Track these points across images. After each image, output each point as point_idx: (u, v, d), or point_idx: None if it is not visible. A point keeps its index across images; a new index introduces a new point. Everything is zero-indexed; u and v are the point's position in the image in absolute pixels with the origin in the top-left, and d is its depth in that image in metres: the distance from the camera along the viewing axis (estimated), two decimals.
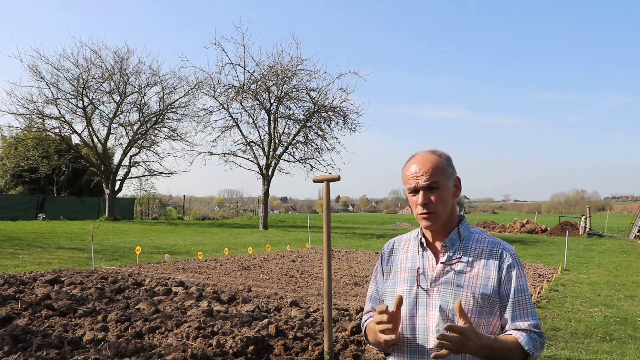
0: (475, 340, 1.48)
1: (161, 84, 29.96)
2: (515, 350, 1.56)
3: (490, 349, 1.52)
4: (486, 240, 1.72)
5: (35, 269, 8.69)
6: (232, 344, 4.09)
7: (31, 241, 14.48)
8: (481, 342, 1.49)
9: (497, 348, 1.54)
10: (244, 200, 59.68)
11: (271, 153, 26.22)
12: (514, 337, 1.58)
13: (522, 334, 1.59)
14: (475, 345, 1.48)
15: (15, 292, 6.08)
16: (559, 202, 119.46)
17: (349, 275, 9.19)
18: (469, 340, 1.47)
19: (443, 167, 1.68)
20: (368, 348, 4.36)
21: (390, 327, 1.55)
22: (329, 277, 3.67)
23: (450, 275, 1.67)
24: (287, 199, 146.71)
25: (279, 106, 26.03)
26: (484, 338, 1.52)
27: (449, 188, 1.69)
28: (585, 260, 13.20)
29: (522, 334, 1.59)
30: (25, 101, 26.78)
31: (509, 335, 1.60)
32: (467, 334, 1.46)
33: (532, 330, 1.61)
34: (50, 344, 3.99)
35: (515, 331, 1.61)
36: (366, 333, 1.85)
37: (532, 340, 1.59)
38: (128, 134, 30.77)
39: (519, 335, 1.59)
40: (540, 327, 1.64)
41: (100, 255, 11.25)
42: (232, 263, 10.37)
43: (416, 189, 1.68)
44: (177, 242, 15.99)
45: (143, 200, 37.95)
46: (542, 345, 1.62)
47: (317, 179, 3.86)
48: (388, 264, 1.84)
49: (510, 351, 1.56)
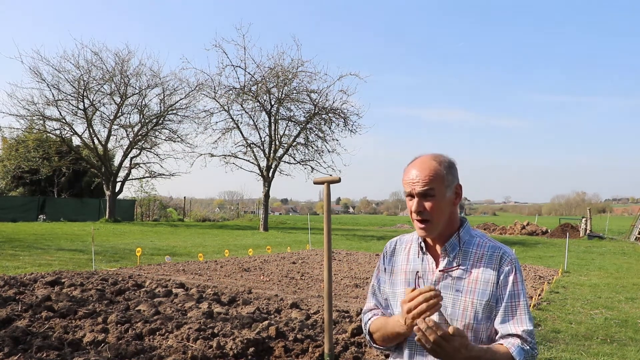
0: (463, 352, 1.46)
1: (162, 86, 30.05)
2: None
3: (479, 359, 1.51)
4: (487, 245, 1.71)
5: (35, 270, 8.70)
6: (233, 345, 4.09)
7: (31, 243, 14.48)
8: (469, 354, 1.47)
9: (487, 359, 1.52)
10: (245, 202, 59.74)
11: (272, 155, 26.23)
12: (505, 348, 1.56)
13: (513, 345, 1.57)
14: (462, 356, 1.46)
15: (16, 293, 6.08)
16: (560, 204, 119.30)
17: (350, 277, 9.18)
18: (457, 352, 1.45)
19: (441, 175, 1.65)
20: (368, 350, 4.36)
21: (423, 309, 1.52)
22: (329, 278, 3.67)
23: (450, 281, 1.67)
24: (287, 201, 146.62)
25: (280, 108, 26.06)
26: (474, 350, 1.50)
27: (446, 196, 1.66)
28: (585, 263, 13.18)
29: (514, 344, 1.57)
30: (26, 102, 26.86)
31: (500, 346, 1.58)
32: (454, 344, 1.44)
33: (523, 338, 1.58)
34: (50, 345, 3.99)
35: (508, 340, 1.59)
36: (371, 331, 1.81)
37: (524, 352, 1.57)
38: (129, 135, 30.80)
39: (511, 346, 1.56)
40: (534, 334, 1.62)
41: (101, 257, 11.25)
42: (232, 265, 10.37)
43: (412, 194, 1.67)
44: (177, 244, 15.99)
45: (143, 201, 37.97)
46: (533, 357, 1.60)
47: (317, 180, 3.86)
48: (390, 263, 1.85)
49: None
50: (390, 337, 1.70)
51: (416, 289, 1.56)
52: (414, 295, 1.53)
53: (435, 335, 1.42)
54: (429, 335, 1.42)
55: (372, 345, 1.83)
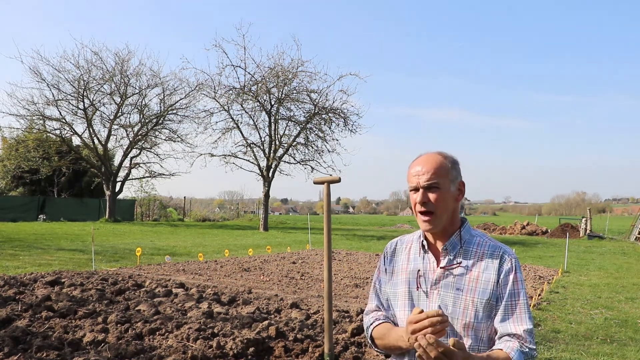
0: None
1: (162, 86, 30.04)
2: None
3: None
4: (487, 244, 1.71)
5: (35, 270, 8.69)
6: (233, 345, 4.09)
7: (31, 242, 14.48)
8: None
9: None
10: (245, 202, 59.78)
11: (272, 155, 26.23)
12: (505, 354, 1.56)
13: (513, 350, 1.56)
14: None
15: (16, 293, 6.08)
16: (560, 204, 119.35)
17: (350, 277, 9.18)
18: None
19: (446, 169, 1.67)
20: (368, 350, 4.36)
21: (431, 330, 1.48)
22: (329, 278, 3.67)
23: (450, 279, 1.67)
24: (287, 201, 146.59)
25: (280, 108, 26.05)
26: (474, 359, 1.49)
27: (450, 191, 1.68)
28: (585, 262, 13.18)
29: (513, 349, 1.56)
30: (26, 102, 26.85)
31: (499, 352, 1.57)
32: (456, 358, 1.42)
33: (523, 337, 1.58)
34: (50, 345, 3.99)
35: (507, 343, 1.59)
36: (373, 336, 1.80)
37: (524, 354, 1.57)
38: (129, 135, 30.80)
39: (510, 350, 1.56)
40: (534, 334, 1.62)
41: (101, 257, 11.25)
42: (232, 265, 10.37)
43: (417, 187, 1.68)
44: (177, 244, 15.99)
45: (143, 201, 37.97)
46: (532, 358, 1.61)
47: (317, 180, 3.86)
48: (391, 263, 1.85)
49: None
50: (393, 348, 1.72)
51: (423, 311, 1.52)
52: (420, 317, 1.50)
53: (436, 351, 1.41)
54: (430, 351, 1.41)
55: (374, 349, 1.83)
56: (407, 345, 1.59)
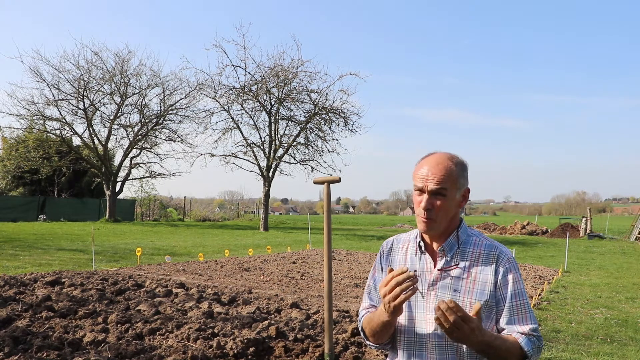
0: (477, 334, 1.47)
1: (162, 86, 30.06)
2: (514, 350, 1.56)
3: (488, 345, 1.52)
4: (483, 244, 1.71)
5: (35, 270, 8.70)
6: (233, 345, 4.09)
7: (32, 242, 14.48)
8: (482, 338, 1.49)
9: (496, 346, 1.53)
10: (245, 202, 59.85)
11: (272, 154, 26.23)
12: (513, 338, 1.58)
13: (521, 336, 1.59)
14: (476, 339, 1.48)
15: (16, 293, 6.08)
16: (560, 203, 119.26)
17: (350, 276, 9.18)
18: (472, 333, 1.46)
19: (455, 176, 1.65)
20: (368, 350, 4.36)
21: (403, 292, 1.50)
22: (329, 278, 3.67)
23: (448, 281, 1.67)
24: (287, 201, 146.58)
25: (280, 108, 26.07)
26: (486, 334, 1.51)
27: (455, 198, 1.67)
28: (586, 262, 13.18)
29: (522, 336, 1.59)
30: (26, 102, 26.85)
31: (509, 336, 1.60)
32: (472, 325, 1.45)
33: (531, 334, 1.61)
34: (50, 345, 3.99)
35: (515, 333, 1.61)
36: (363, 327, 1.81)
37: (532, 342, 1.59)
38: (129, 135, 30.80)
39: (519, 336, 1.59)
40: (539, 331, 1.64)
41: (101, 257, 11.25)
42: (232, 264, 10.37)
43: (422, 189, 1.66)
44: (177, 244, 15.99)
45: (144, 201, 37.98)
46: (539, 349, 1.62)
47: (317, 180, 3.86)
48: (387, 262, 1.84)
49: (509, 351, 1.56)
50: (378, 328, 1.68)
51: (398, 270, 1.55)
52: (387, 279, 1.53)
53: (455, 316, 1.42)
54: (449, 315, 1.42)
55: (366, 342, 1.82)
56: (387, 317, 1.58)
